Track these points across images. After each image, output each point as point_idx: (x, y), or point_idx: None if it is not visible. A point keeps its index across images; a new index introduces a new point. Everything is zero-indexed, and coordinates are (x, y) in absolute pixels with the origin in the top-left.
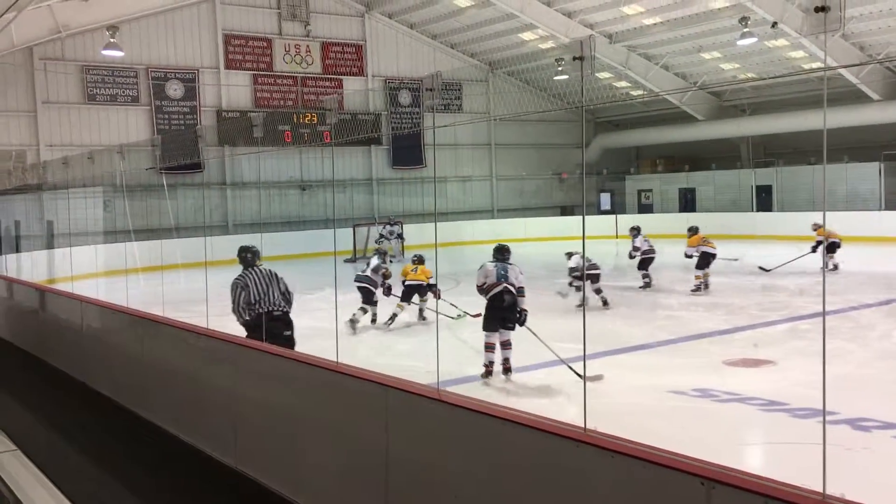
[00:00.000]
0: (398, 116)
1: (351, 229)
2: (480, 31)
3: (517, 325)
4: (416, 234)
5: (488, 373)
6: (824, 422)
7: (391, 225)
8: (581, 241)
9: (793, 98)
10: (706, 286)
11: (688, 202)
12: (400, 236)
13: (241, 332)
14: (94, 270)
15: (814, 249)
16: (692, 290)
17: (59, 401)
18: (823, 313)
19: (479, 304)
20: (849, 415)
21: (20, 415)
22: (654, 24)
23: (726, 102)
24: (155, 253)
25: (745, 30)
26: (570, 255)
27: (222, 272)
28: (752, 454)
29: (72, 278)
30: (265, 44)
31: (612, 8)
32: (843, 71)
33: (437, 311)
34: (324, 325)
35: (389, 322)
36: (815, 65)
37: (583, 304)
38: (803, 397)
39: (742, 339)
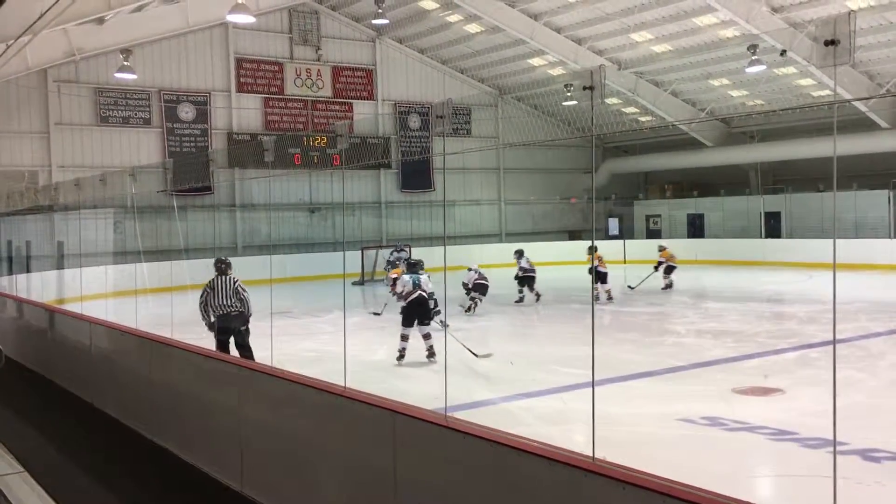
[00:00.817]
0: (407, 140)
1: (359, 252)
2: (490, 56)
3: (430, 321)
4: (425, 258)
5: (401, 356)
6: (835, 457)
7: (398, 251)
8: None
9: (802, 125)
10: (609, 297)
11: (696, 228)
12: (407, 261)
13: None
14: (104, 291)
15: (656, 269)
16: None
17: (67, 421)
18: (834, 342)
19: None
20: (859, 445)
21: (27, 435)
22: (663, 51)
23: (735, 129)
24: (164, 274)
25: (754, 57)
26: (470, 269)
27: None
28: (763, 485)
29: (81, 298)
30: (276, 67)
31: (621, 35)
32: None
33: (445, 336)
34: (330, 349)
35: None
36: (823, 92)
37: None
38: (813, 427)
39: (751, 367)
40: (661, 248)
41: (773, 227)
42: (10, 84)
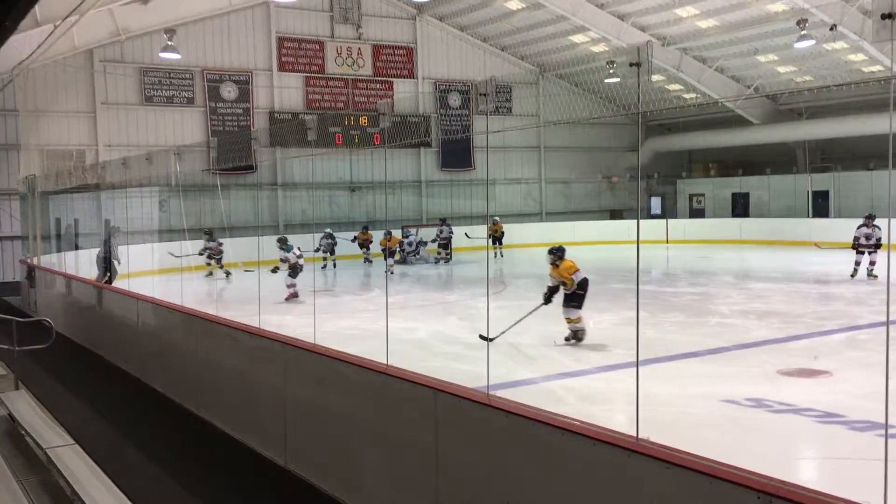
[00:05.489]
0: (447, 119)
1: (400, 231)
2: (531, 33)
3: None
4: (465, 237)
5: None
6: (886, 437)
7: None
8: (635, 244)
9: (852, 102)
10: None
11: (741, 207)
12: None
13: (290, 330)
14: (150, 268)
15: (495, 242)
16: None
17: (115, 396)
18: (888, 322)
19: None
20: None
21: (78, 409)
22: (709, 26)
23: (783, 106)
24: None
25: (803, 32)
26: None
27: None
28: (809, 468)
29: (128, 275)
30: (317, 46)
31: (665, 10)
32: None
33: (487, 317)
34: (371, 327)
35: None
36: (874, 68)
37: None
38: (861, 409)
39: (797, 349)
40: (495, 222)
41: (820, 206)
42: (57, 65)
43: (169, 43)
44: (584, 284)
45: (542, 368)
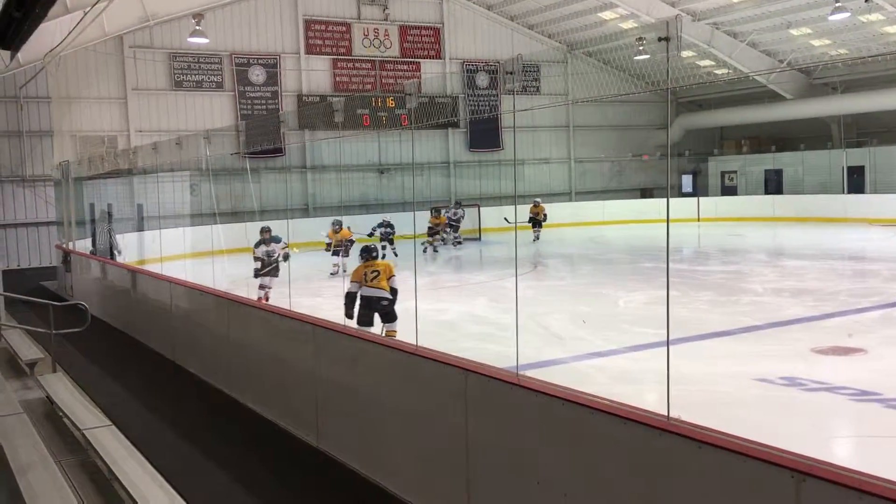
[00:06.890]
0: (475, 99)
1: (429, 212)
2: (559, 11)
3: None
4: (494, 217)
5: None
6: None
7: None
8: (665, 223)
9: (888, 75)
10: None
11: (774, 184)
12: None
13: (321, 312)
14: (182, 252)
15: (530, 221)
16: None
17: (150, 378)
18: None
19: None
20: None
21: (113, 391)
22: (741, 0)
23: (816, 80)
24: (239, 235)
25: (837, 4)
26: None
27: (303, 254)
28: (843, 446)
29: (161, 259)
30: (344, 28)
31: None
32: None
33: (516, 295)
34: (400, 307)
35: None
36: None
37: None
38: None
39: (831, 327)
40: (536, 203)
41: (856, 181)
42: (88, 51)
43: (197, 28)
44: (360, 299)
45: (572, 348)
